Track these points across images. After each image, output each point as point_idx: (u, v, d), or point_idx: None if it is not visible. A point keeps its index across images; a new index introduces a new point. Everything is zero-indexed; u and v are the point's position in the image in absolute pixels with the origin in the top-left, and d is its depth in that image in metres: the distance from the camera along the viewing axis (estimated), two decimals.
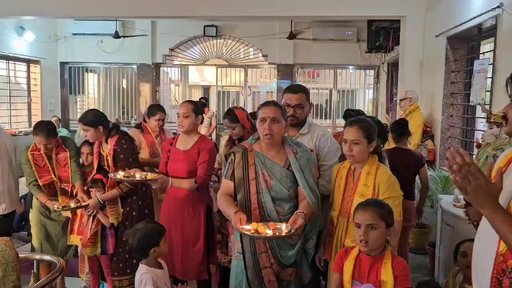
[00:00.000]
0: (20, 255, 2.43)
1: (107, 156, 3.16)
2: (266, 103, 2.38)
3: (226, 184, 2.42)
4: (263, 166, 2.33)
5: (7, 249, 2.22)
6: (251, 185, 2.32)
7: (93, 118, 3.15)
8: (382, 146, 2.56)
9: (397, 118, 5.46)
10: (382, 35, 7.06)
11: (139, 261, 2.52)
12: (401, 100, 5.24)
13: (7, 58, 8.05)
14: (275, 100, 2.61)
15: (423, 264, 4.25)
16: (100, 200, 3.15)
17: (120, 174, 2.83)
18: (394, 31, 6.68)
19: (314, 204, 2.28)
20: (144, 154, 3.84)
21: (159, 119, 3.93)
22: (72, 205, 3.24)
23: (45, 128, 3.34)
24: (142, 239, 2.42)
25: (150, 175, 2.83)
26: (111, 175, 2.92)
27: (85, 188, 3.35)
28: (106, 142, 3.19)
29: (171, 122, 9.91)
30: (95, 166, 3.26)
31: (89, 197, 3.24)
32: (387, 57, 7.88)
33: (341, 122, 10.03)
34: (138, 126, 4.11)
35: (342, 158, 2.58)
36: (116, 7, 6.06)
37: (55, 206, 3.26)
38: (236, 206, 2.29)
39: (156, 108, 4.03)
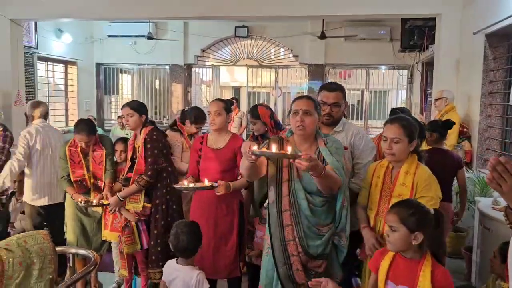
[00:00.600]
0: (56, 249, 2.50)
1: (138, 147, 3.24)
2: (300, 97, 2.39)
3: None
4: None
5: (44, 242, 2.26)
6: (284, 172, 2.32)
7: (140, 105, 3.35)
8: (420, 145, 2.49)
9: (432, 118, 5.31)
10: (417, 34, 6.90)
11: (170, 255, 2.56)
12: (436, 100, 5.09)
13: (47, 59, 8.35)
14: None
15: (459, 269, 4.11)
16: (121, 198, 3.23)
17: (185, 184, 2.85)
18: (429, 29, 6.51)
19: (339, 177, 2.23)
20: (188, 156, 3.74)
21: (201, 128, 3.95)
22: (94, 202, 3.34)
23: (86, 126, 3.44)
24: (194, 238, 2.48)
25: (211, 183, 2.82)
26: (176, 186, 2.93)
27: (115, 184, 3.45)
28: (140, 133, 3.28)
29: None
30: (129, 157, 3.34)
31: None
32: (422, 56, 7.69)
33: (373, 123, 9.88)
34: (174, 128, 4.01)
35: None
36: (149, 8, 6.17)
37: (80, 200, 3.36)
38: None
39: (203, 118, 3.98)
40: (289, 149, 2.07)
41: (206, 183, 2.78)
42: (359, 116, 9.98)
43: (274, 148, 2.09)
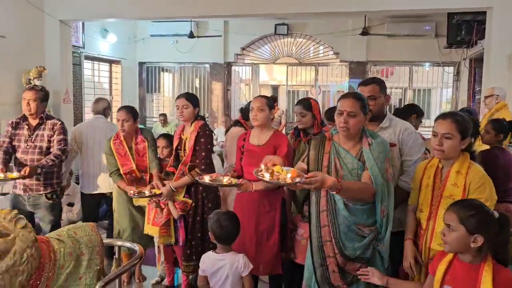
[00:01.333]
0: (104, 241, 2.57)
1: (186, 139, 3.28)
2: (346, 95, 2.31)
3: (299, 165, 2.40)
4: (336, 155, 2.27)
5: (93, 234, 2.32)
6: (323, 171, 2.27)
7: (195, 98, 3.41)
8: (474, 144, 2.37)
9: (481, 117, 5.09)
10: (464, 29, 6.63)
11: (204, 249, 2.59)
12: (486, 97, 4.86)
13: (93, 58, 8.65)
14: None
15: None
16: (173, 188, 3.27)
17: (207, 179, 2.86)
18: (478, 24, 6.23)
19: (377, 186, 2.16)
20: None
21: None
22: (147, 192, 3.37)
23: (127, 106, 3.65)
24: (236, 225, 2.56)
25: (234, 180, 2.83)
26: (197, 178, 2.96)
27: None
28: (191, 125, 3.31)
29: None
30: (174, 146, 3.40)
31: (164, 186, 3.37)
32: (469, 52, 7.37)
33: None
34: (238, 124, 3.98)
35: None
36: (191, 7, 6.26)
37: (131, 191, 3.41)
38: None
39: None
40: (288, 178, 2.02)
41: (225, 180, 2.76)
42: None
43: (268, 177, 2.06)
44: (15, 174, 3.31)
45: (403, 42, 8.57)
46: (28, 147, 3.44)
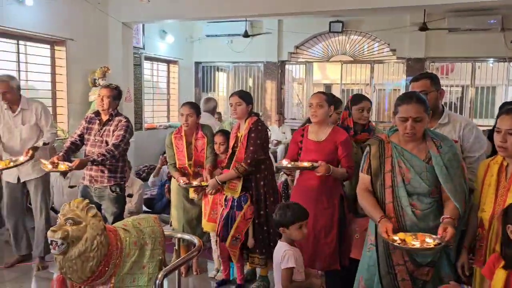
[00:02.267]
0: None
1: (241, 137, 3.34)
2: (408, 100, 2.17)
3: (364, 179, 2.34)
4: (400, 158, 2.20)
5: (155, 225, 2.42)
6: (386, 177, 2.22)
7: (249, 95, 3.50)
8: None
9: None
10: None
11: (271, 244, 2.59)
12: None
13: (152, 59, 8.98)
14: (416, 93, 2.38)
15: None
16: (218, 181, 3.34)
17: (285, 163, 2.93)
18: None
19: (461, 205, 2.09)
20: None
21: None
22: (195, 183, 3.54)
23: (191, 102, 3.87)
24: (278, 215, 2.51)
25: (312, 163, 2.86)
26: (277, 164, 3.07)
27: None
28: (245, 122, 3.38)
29: (293, 119, 10.09)
30: (231, 145, 3.47)
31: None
32: None
33: (478, 122, 9.08)
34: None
35: None
36: (246, 7, 6.34)
37: (181, 181, 3.57)
38: (380, 209, 2.21)
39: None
40: (430, 239, 2.03)
41: (306, 164, 2.87)
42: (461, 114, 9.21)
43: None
44: (63, 165, 3.44)
45: (465, 37, 8.17)
46: (96, 141, 3.65)
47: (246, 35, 9.13)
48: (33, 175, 3.92)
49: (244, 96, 3.40)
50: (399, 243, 2.00)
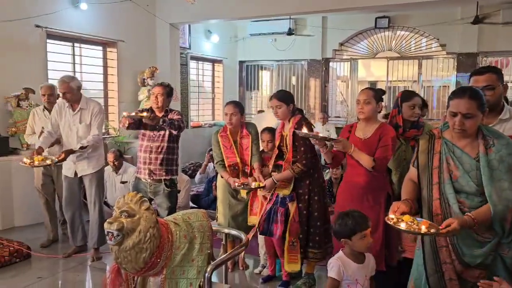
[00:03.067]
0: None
1: (286, 136, 3.34)
2: (460, 94, 2.08)
3: (411, 171, 2.31)
4: (449, 155, 2.12)
5: (204, 220, 2.48)
6: (433, 174, 2.15)
7: (288, 95, 3.47)
8: None
9: None
10: None
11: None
12: None
13: (197, 58, 9.17)
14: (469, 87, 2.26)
15: None
16: (275, 181, 3.35)
17: (305, 131, 2.92)
18: None
19: (498, 210, 1.96)
20: None
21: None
22: (253, 185, 3.48)
23: (234, 101, 3.92)
24: (338, 225, 2.42)
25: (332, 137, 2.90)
26: (298, 132, 3.06)
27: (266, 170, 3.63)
28: (289, 122, 3.37)
29: (338, 117, 9.96)
30: (276, 145, 3.48)
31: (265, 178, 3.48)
32: None
33: None
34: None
35: None
36: (289, 4, 6.34)
37: (236, 184, 3.55)
38: (409, 194, 2.22)
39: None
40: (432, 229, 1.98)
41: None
42: None
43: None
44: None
45: None
46: (153, 135, 3.79)
47: (290, 33, 9.13)
48: (89, 170, 4.12)
49: (283, 98, 3.38)
50: (391, 222, 2.02)
